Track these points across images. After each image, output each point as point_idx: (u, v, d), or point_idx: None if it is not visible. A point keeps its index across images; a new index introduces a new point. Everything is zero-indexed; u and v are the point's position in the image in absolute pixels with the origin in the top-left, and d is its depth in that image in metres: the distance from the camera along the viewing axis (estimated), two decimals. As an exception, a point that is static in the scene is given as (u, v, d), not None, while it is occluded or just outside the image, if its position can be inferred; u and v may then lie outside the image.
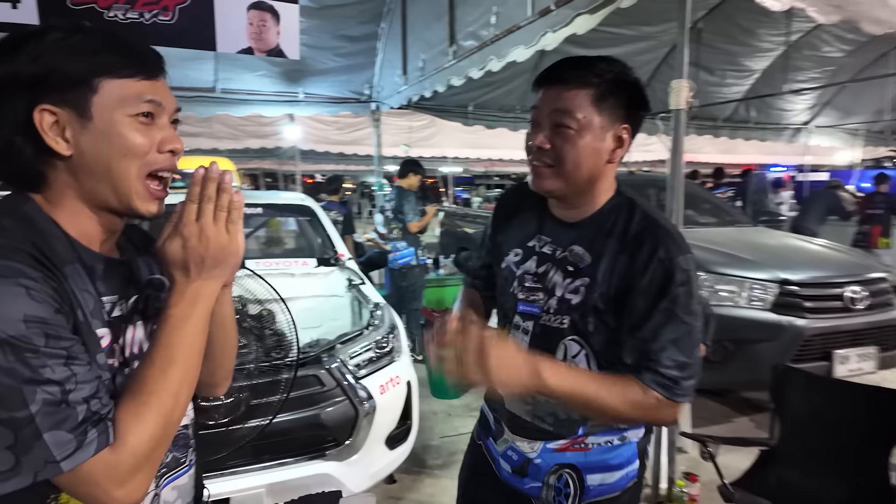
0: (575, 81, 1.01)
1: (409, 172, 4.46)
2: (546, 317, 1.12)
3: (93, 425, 0.65)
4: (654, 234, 1.03)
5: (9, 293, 0.62)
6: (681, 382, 0.99)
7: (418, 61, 4.95)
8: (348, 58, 5.80)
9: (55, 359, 0.64)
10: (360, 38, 5.67)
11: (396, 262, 4.37)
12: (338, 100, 6.14)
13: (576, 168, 1.03)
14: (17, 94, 0.71)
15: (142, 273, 0.88)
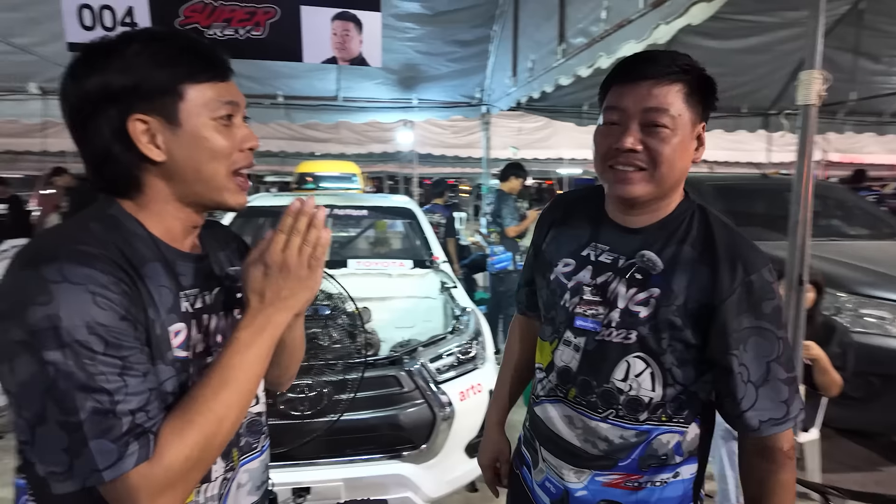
0: (665, 76, 0.93)
1: (511, 175, 4.39)
2: (605, 332, 1.02)
3: (135, 438, 0.66)
4: (737, 246, 0.97)
5: (76, 299, 0.65)
6: (794, 403, 0.97)
7: (528, 62, 4.88)
8: (459, 62, 5.88)
9: (110, 367, 0.66)
10: (471, 43, 5.72)
11: (494, 266, 4.33)
12: (449, 104, 6.25)
13: (671, 170, 0.96)
14: (109, 104, 0.74)
15: (222, 266, 0.92)
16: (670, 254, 1.00)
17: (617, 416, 1.02)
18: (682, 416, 1.03)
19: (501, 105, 5.81)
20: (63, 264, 0.65)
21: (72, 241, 0.69)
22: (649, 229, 1.03)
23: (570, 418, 1.07)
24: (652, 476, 1.04)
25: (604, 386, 1.02)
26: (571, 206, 1.18)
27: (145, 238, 0.78)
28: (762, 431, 0.97)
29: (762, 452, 1.00)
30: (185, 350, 0.79)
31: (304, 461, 2.07)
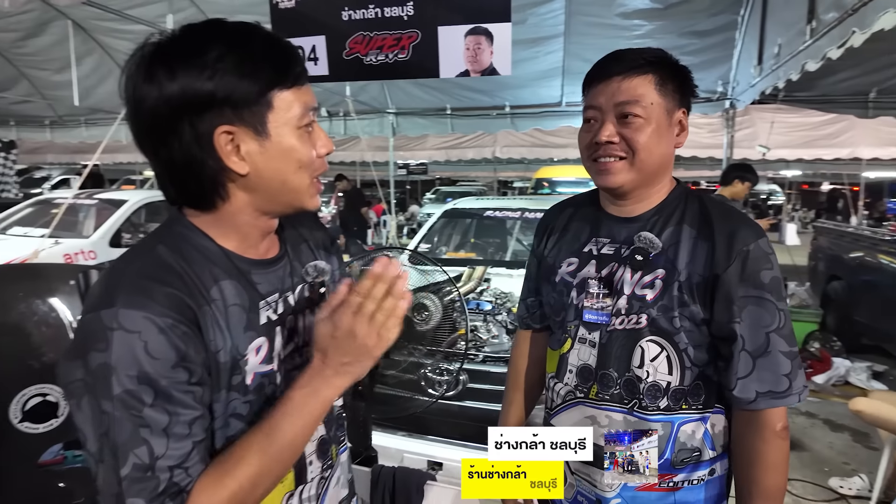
0: (633, 70, 0.99)
1: (735, 178, 3.81)
2: (616, 321, 1.03)
3: (170, 498, 0.65)
4: (732, 219, 1.00)
5: (129, 348, 0.63)
6: (797, 378, 0.96)
7: (773, 47, 4.18)
8: (697, 55, 5.34)
9: (157, 420, 0.64)
10: (711, 32, 5.15)
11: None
12: (684, 102, 5.72)
13: (649, 155, 1.00)
14: (193, 113, 0.68)
15: (303, 260, 0.89)
16: (669, 234, 1.02)
17: (640, 406, 1.02)
18: (700, 402, 1.02)
19: (745, 98, 5.07)
20: (120, 309, 0.64)
21: (134, 277, 0.68)
22: (646, 215, 1.06)
23: (594, 417, 1.06)
24: (689, 474, 1.03)
25: (625, 375, 1.03)
26: (568, 210, 1.20)
27: (215, 254, 0.74)
28: (758, 404, 0.96)
29: (754, 429, 0.98)
30: (268, 363, 0.77)
31: (442, 438, 2.28)
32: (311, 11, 2.11)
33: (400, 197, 17.72)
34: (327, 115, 7.10)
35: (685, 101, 1.04)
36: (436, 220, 4.04)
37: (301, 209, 0.79)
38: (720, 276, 0.96)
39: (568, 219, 1.18)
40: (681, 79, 1.03)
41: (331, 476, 0.89)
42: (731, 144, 5.74)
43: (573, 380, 1.09)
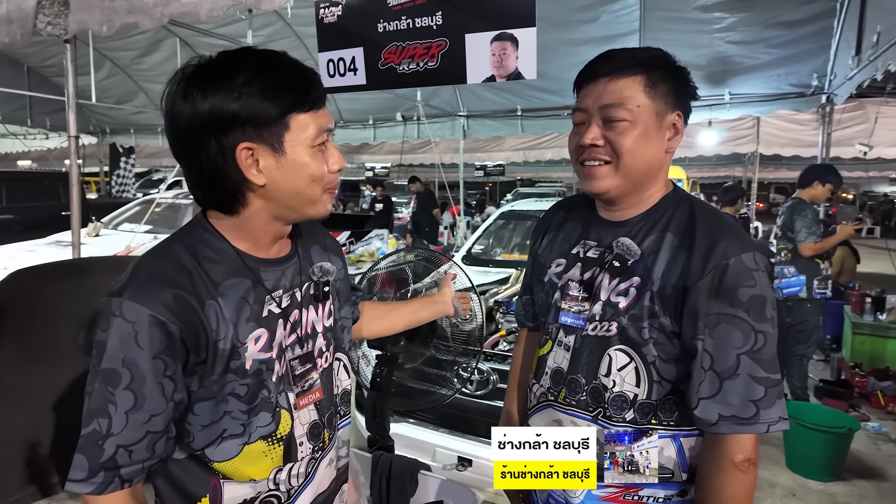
0: (621, 71, 0.95)
1: (815, 181, 3.48)
2: (590, 326, 1.01)
3: (105, 470, 0.75)
4: (718, 230, 0.94)
5: (123, 335, 0.74)
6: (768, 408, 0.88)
7: (873, 35, 3.78)
8: (786, 47, 4.94)
9: (124, 401, 0.74)
10: (803, 22, 4.74)
11: (781, 291, 3.54)
12: (772, 97, 5.31)
13: (634, 160, 0.96)
14: (220, 129, 0.77)
15: (312, 261, 0.98)
16: (651, 241, 0.98)
17: (604, 415, 0.99)
18: (672, 419, 0.97)
19: (842, 92, 4.62)
20: (125, 300, 0.75)
21: (147, 274, 0.79)
22: (633, 220, 1.02)
23: (559, 422, 1.05)
24: (656, 490, 0.98)
25: (592, 383, 1.01)
26: (566, 210, 1.18)
27: (228, 254, 0.84)
28: (720, 427, 0.90)
29: (712, 455, 0.93)
30: (267, 351, 0.86)
31: (474, 435, 2.33)
32: (351, 25, 2.24)
33: (479, 198, 17.78)
34: (401, 120, 7.35)
35: (681, 103, 0.98)
36: (492, 221, 4.07)
37: (311, 218, 0.88)
38: (689, 289, 0.91)
39: (563, 219, 1.16)
40: (676, 80, 0.97)
41: (322, 457, 0.95)
42: (828, 143, 5.23)
43: (547, 382, 1.09)
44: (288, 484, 0.91)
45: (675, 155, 4.16)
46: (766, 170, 12.85)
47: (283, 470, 0.89)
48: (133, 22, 2.51)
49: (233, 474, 0.86)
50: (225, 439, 0.84)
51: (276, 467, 0.89)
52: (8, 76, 7.88)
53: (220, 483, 0.85)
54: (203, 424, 0.83)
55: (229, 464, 0.85)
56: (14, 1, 2.87)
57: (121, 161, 10.19)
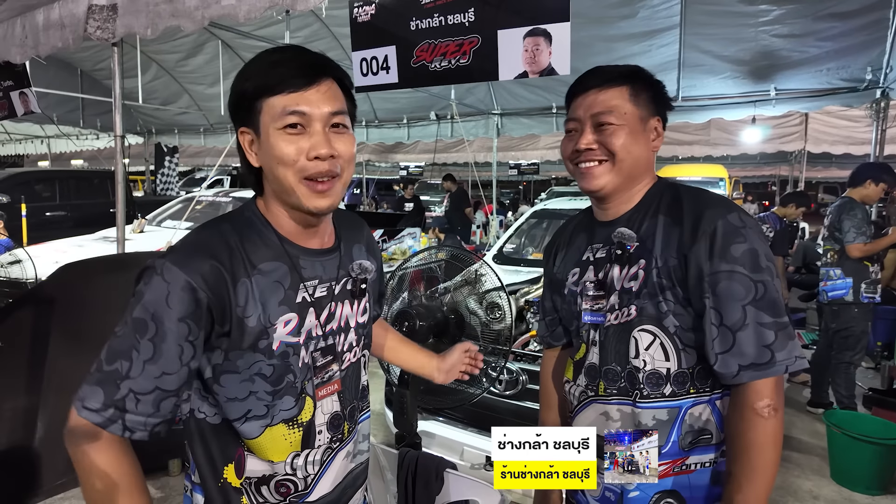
0: (609, 83, 1.06)
1: (867, 179, 3.31)
2: (610, 317, 1.08)
3: (114, 408, 0.79)
4: (702, 201, 1.03)
5: (158, 291, 0.80)
6: (781, 349, 0.93)
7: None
8: (838, 40, 4.72)
9: (146, 350, 0.79)
10: (858, 13, 4.52)
11: (826, 294, 3.38)
12: (821, 92, 5.09)
13: (627, 154, 1.05)
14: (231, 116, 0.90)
15: (353, 258, 1.01)
16: (647, 226, 1.06)
17: (642, 396, 1.04)
18: (707, 384, 1.02)
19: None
20: (167, 262, 0.81)
21: (191, 244, 0.85)
22: (627, 213, 1.10)
23: (607, 413, 1.09)
24: (700, 456, 1.03)
25: (626, 368, 1.06)
26: (572, 227, 1.26)
27: (271, 238, 0.89)
28: (741, 377, 0.95)
29: (735, 405, 0.97)
30: (295, 336, 0.89)
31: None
32: (384, 24, 2.25)
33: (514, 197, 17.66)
34: (435, 119, 7.37)
35: (660, 110, 1.10)
36: (524, 220, 4.03)
37: (300, 208, 0.88)
38: (687, 256, 0.99)
39: (570, 235, 1.24)
40: (654, 90, 1.09)
41: (339, 448, 0.97)
42: (882, 140, 4.97)
43: (583, 380, 1.13)
44: (305, 471, 0.93)
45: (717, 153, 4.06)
46: (815, 169, 12.34)
47: (301, 456, 0.92)
48: (176, 25, 2.59)
49: (255, 450, 0.90)
50: (249, 419, 0.88)
51: (294, 452, 0.92)
52: (63, 79, 8.28)
53: (245, 454, 0.91)
54: (228, 397, 0.87)
55: (252, 442, 0.90)
56: (66, 7, 3.01)
57: (165, 160, 10.56)
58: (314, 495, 0.95)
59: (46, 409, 2.50)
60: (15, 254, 4.33)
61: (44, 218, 7.20)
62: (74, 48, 3.09)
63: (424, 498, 1.34)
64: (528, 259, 3.73)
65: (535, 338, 2.64)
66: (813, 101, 5.18)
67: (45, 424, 2.48)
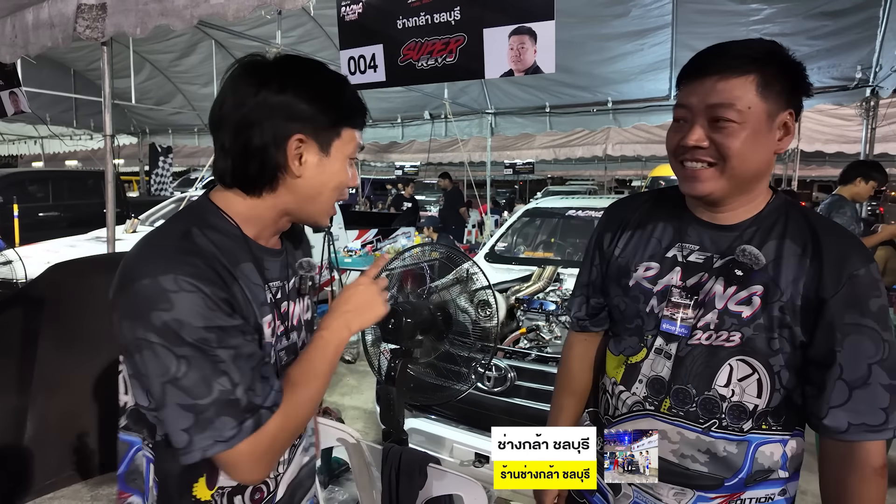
0: (733, 69, 0.90)
1: (857, 177, 3.33)
2: (702, 335, 0.97)
3: (250, 414, 0.78)
4: (843, 241, 0.93)
5: (192, 303, 0.75)
6: (894, 410, 0.88)
7: (920, 24, 3.61)
8: (828, 38, 4.76)
9: (228, 356, 0.77)
10: (849, 11, 4.55)
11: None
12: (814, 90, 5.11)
13: (742, 163, 0.92)
14: (286, 118, 0.84)
15: (295, 257, 1.03)
16: (772, 248, 0.95)
17: (720, 426, 0.98)
18: (781, 424, 0.98)
19: (888, 84, 4.42)
20: (177, 276, 0.76)
21: (181, 254, 0.79)
22: (743, 225, 0.98)
23: (665, 433, 1.01)
24: (756, 492, 0.99)
25: (704, 394, 0.98)
26: (644, 206, 1.11)
27: (239, 239, 0.87)
28: (850, 435, 0.89)
29: (850, 465, 0.91)
30: (271, 336, 0.91)
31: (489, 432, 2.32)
32: (371, 22, 2.26)
33: (509, 197, 17.68)
34: (429, 118, 7.38)
35: (794, 101, 0.93)
36: (516, 218, 4.04)
37: (314, 223, 0.95)
38: (827, 301, 0.89)
39: (644, 216, 1.09)
40: (791, 77, 0.91)
41: (299, 444, 1.00)
42: (872, 139, 5.00)
43: (643, 391, 1.04)
44: (276, 471, 0.94)
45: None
46: (808, 167, 12.41)
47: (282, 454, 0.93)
48: (165, 24, 2.59)
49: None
50: None
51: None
52: (56, 80, 8.26)
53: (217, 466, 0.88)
54: None
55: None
56: (55, 6, 3.01)
57: (159, 160, 10.54)
58: (278, 495, 0.96)
59: (36, 408, 2.49)
60: (5, 254, 4.32)
61: (37, 219, 7.18)
62: (64, 47, 3.08)
63: (408, 493, 1.34)
64: (521, 257, 3.74)
65: (525, 335, 2.65)
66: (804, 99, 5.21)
67: (34, 424, 2.48)
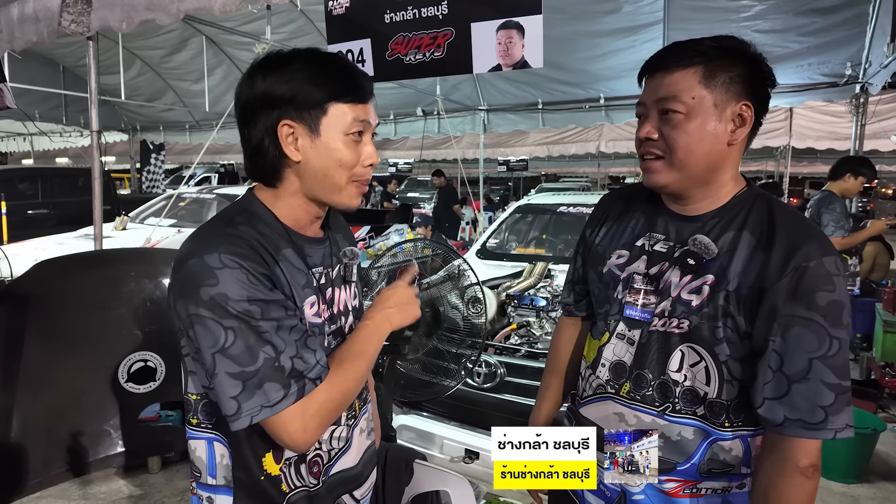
0: (677, 64, 0.93)
1: (846, 173, 3.35)
2: (658, 322, 1.00)
3: (295, 379, 0.82)
4: (795, 231, 0.92)
5: (236, 279, 0.80)
6: (836, 414, 0.87)
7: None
8: (819, 35, 4.79)
9: (270, 327, 0.81)
10: (838, 8, 4.58)
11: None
12: (803, 87, 5.15)
13: (688, 155, 0.94)
14: (270, 107, 0.87)
15: (339, 246, 1.06)
16: (728, 239, 0.96)
17: (674, 409, 0.99)
18: (742, 420, 0.97)
19: (877, 81, 4.44)
20: (222, 254, 0.81)
21: (224, 237, 0.85)
22: (707, 216, 0.99)
23: (622, 415, 1.04)
24: (714, 483, 0.99)
25: (660, 378, 1.00)
26: (627, 199, 1.15)
27: (278, 227, 0.92)
28: (785, 429, 0.89)
29: (776, 458, 0.91)
30: (318, 317, 0.94)
31: (482, 429, 2.32)
32: (359, 17, 2.25)
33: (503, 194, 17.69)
34: (422, 115, 7.36)
35: (751, 92, 0.93)
36: (507, 215, 4.04)
37: (338, 205, 0.95)
38: (767, 290, 0.90)
39: (623, 209, 1.13)
40: (744, 68, 0.92)
41: (355, 425, 1.04)
42: (861, 135, 5.02)
43: (605, 374, 1.07)
44: (329, 444, 0.98)
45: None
46: (800, 164, 12.49)
47: (328, 432, 0.97)
48: (151, 18, 2.56)
49: None
50: None
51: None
52: (45, 76, 8.18)
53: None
54: None
55: None
56: (40, 0, 2.97)
57: (151, 157, 10.46)
58: (337, 468, 1.00)
59: (22, 407, 2.47)
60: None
61: (26, 216, 7.11)
62: (49, 42, 3.05)
63: (394, 489, 1.33)
64: (512, 254, 3.74)
65: (515, 331, 2.65)
66: (794, 95, 5.25)
67: (20, 423, 2.45)
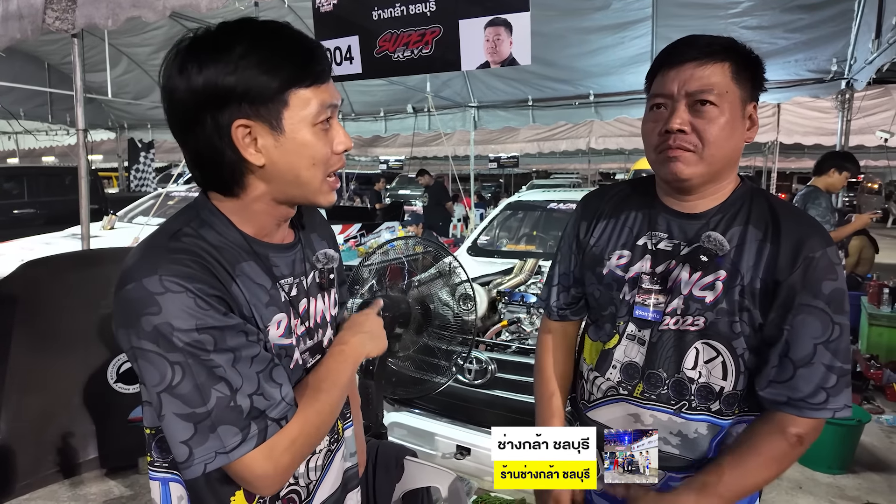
0: (709, 56, 0.93)
1: (831, 168, 3.38)
2: (670, 320, 1.00)
3: (255, 421, 0.70)
4: (798, 223, 0.96)
5: (181, 304, 0.67)
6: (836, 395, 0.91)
7: (892, 17, 3.66)
8: (805, 31, 4.81)
9: (225, 360, 0.69)
10: (823, 4, 4.61)
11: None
12: (790, 83, 5.18)
13: (719, 149, 0.94)
14: (215, 105, 0.71)
15: (314, 248, 0.93)
16: (735, 235, 0.98)
17: (690, 407, 1.01)
18: (746, 406, 1.00)
19: (862, 77, 4.48)
20: (162, 276, 0.68)
21: (167, 253, 0.71)
22: (709, 213, 1.00)
23: (638, 416, 1.04)
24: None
25: (675, 377, 1.01)
26: (617, 196, 1.13)
27: (237, 238, 0.78)
28: (786, 408, 0.93)
29: (765, 420, 0.96)
30: (287, 337, 0.82)
31: (473, 425, 2.33)
32: (347, 14, 2.24)
33: (495, 191, 17.70)
34: (412, 112, 7.35)
35: (756, 93, 0.98)
36: (498, 211, 4.05)
37: (314, 204, 0.82)
38: (782, 283, 0.92)
39: (618, 206, 1.11)
40: (754, 69, 0.96)
41: (336, 450, 0.95)
42: (847, 131, 5.07)
43: (617, 376, 1.07)
44: (307, 478, 0.88)
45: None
46: (788, 159, 12.60)
47: (302, 463, 0.85)
48: (137, 15, 2.54)
49: None
50: None
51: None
52: (29, 73, 8.06)
53: None
54: None
55: None
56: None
57: (140, 156, 10.35)
58: (317, 500, 0.91)
59: (10, 409, 2.44)
60: (-22, 252, 4.23)
61: (12, 216, 7.03)
62: (34, 39, 3.01)
63: (385, 485, 1.34)
64: (503, 250, 3.75)
65: (506, 328, 2.66)
66: (781, 91, 5.28)
67: (8, 424, 2.43)
